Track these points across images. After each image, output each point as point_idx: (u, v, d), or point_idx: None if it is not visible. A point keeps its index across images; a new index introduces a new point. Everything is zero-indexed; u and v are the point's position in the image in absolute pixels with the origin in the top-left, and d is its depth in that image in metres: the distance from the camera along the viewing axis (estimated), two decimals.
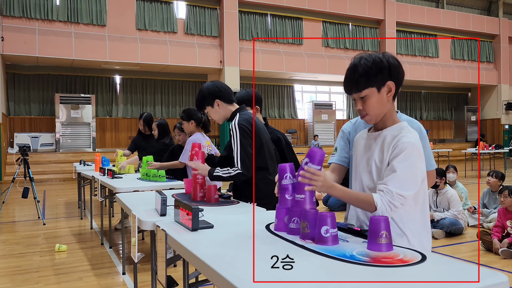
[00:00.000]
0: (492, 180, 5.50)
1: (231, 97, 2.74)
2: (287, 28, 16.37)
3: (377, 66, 1.62)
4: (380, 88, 1.64)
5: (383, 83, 1.63)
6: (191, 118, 4.35)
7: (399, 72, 1.66)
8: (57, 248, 4.69)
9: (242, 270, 1.26)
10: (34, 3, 12.65)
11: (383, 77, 1.62)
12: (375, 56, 1.64)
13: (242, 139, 2.56)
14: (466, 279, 1.15)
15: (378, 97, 1.64)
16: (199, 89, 2.76)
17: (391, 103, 1.69)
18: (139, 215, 2.13)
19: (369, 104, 1.65)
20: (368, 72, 1.62)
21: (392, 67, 1.64)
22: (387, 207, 1.55)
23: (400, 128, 1.66)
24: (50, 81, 14.41)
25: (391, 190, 1.54)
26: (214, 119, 2.78)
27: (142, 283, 3.49)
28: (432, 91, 21.45)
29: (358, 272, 1.22)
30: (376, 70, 1.62)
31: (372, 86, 1.63)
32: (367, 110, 1.66)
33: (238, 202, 2.51)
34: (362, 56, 1.66)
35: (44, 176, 12.41)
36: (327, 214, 1.51)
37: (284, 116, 18.10)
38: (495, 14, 21.61)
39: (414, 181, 1.56)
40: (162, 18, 14.36)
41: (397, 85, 1.66)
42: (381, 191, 1.56)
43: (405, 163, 1.55)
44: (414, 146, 1.58)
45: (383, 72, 1.62)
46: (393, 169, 1.56)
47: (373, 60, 1.63)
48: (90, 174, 5.50)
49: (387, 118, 1.69)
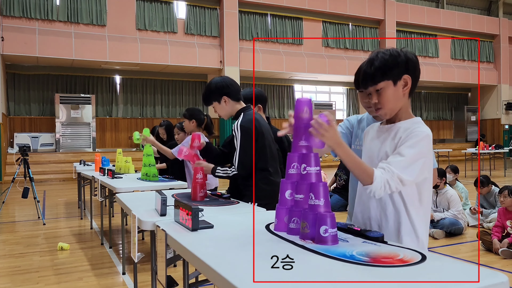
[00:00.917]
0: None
1: (238, 95, 2.73)
2: (287, 28, 16.37)
3: (394, 59, 1.60)
4: (396, 82, 1.61)
5: (399, 76, 1.61)
6: (193, 117, 4.36)
7: (416, 68, 1.64)
8: (59, 246, 4.71)
9: (242, 270, 1.26)
10: (34, 3, 12.65)
11: (400, 70, 1.60)
12: (393, 50, 1.63)
13: (243, 141, 2.57)
14: (466, 279, 1.15)
15: (394, 90, 1.62)
16: (208, 83, 2.74)
17: (407, 99, 1.66)
18: (139, 215, 2.13)
19: (384, 97, 1.62)
20: (385, 64, 1.60)
21: (410, 61, 1.62)
22: (383, 186, 1.51)
23: (414, 122, 1.64)
24: (50, 81, 14.41)
25: (392, 171, 1.51)
26: (219, 114, 2.78)
27: (142, 283, 3.49)
28: (432, 91, 21.45)
29: (358, 272, 1.22)
30: (393, 63, 1.60)
31: (388, 79, 1.61)
32: (382, 103, 1.63)
33: (238, 202, 2.51)
34: (380, 50, 1.65)
35: (44, 176, 12.41)
36: (327, 214, 1.49)
37: (284, 116, 18.09)
38: (495, 14, 21.61)
39: (417, 169, 1.54)
40: (162, 18, 14.36)
41: (414, 81, 1.64)
42: (383, 169, 1.53)
43: (412, 150, 1.53)
44: (426, 136, 1.56)
45: (399, 66, 1.60)
46: (400, 153, 1.55)
47: (391, 54, 1.61)
48: (90, 174, 5.50)
49: (402, 112, 1.67)
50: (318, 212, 1.50)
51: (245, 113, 2.68)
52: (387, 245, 1.48)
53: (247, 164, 2.57)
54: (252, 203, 2.60)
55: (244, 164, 2.56)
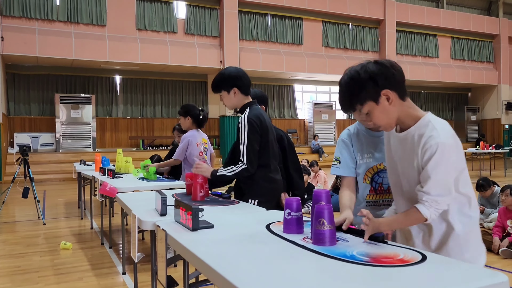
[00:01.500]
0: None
1: (248, 90, 2.71)
2: (287, 28, 16.37)
3: (356, 83, 1.54)
4: (377, 100, 1.54)
5: (376, 95, 1.53)
6: (188, 113, 4.36)
7: (387, 77, 1.53)
8: (62, 245, 4.74)
9: (242, 270, 1.26)
10: (34, 3, 12.65)
11: (371, 90, 1.53)
12: (353, 72, 1.56)
13: (249, 134, 2.55)
14: (466, 279, 1.15)
15: (381, 108, 1.55)
16: (222, 71, 2.70)
17: (400, 105, 1.58)
18: (139, 215, 2.13)
19: (374, 117, 1.58)
20: (352, 92, 1.55)
21: (376, 76, 1.52)
22: (434, 215, 1.53)
23: (425, 125, 1.56)
24: (50, 81, 14.40)
25: (433, 199, 1.51)
26: (225, 104, 2.75)
27: (142, 283, 3.49)
28: (432, 91, 21.45)
29: (358, 272, 1.22)
30: (358, 88, 1.53)
31: (366, 102, 1.55)
32: (376, 122, 1.60)
33: (238, 202, 2.51)
34: (344, 75, 1.58)
35: (44, 176, 12.41)
36: (293, 199, 1.65)
37: (284, 116, 18.09)
38: (495, 14, 21.60)
39: (451, 182, 1.53)
40: (162, 18, 14.36)
41: (395, 89, 1.55)
42: (425, 201, 1.52)
43: (438, 169, 1.49)
44: (443, 145, 1.49)
45: (367, 86, 1.52)
46: (428, 175, 1.51)
47: (351, 78, 1.55)
48: (90, 174, 5.50)
49: (404, 118, 1.60)
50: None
51: (252, 107, 2.67)
52: (388, 245, 1.48)
53: (254, 157, 2.55)
54: (253, 200, 2.60)
55: (252, 157, 2.54)
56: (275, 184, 2.68)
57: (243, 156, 2.54)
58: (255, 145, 2.56)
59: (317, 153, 16.67)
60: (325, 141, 17.70)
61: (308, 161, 8.88)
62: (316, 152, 16.77)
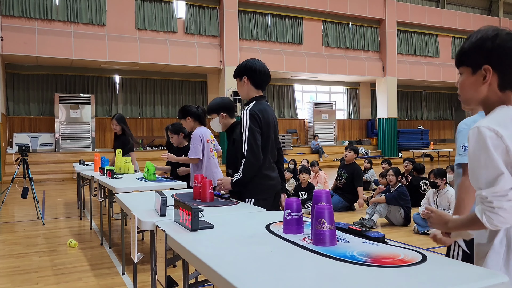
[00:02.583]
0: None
1: (260, 84, 2.71)
2: (287, 28, 16.36)
3: (476, 45, 1.41)
4: (475, 71, 1.42)
5: (478, 65, 1.41)
6: (186, 114, 4.28)
7: (503, 59, 1.37)
8: (68, 243, 4.79)
9: (242, 270, 1.25)
10: (33, 2, 12.64)
11: (479, 58, 1.40)
12: (484, 32, 1.41)
13: (251, 125, 2.55)
14: (466, 279, 1.14)
15: (472, 79, 1.44)
16: (246, 61, 2.75)
17: (495, 93, 1.40)
18: (139, 215, 2.12)
19: (461, 82, 1.48)
20: (467, 49, 1.44)
21: (497, 49, 1.37)
22: (492, 215, 1.28)
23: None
24: (49, 81, 14.40)
25: (483, 195, 1.29)
26: (239, 92, 2.80)
27: (142, 284, 3.48)
28: (432, 91, 21.45)
29: (358, 272, 1.21)
30: (474, 50, 1.42)
31: (466, 66, 1.45)
32: (459, 89, 1.49)
33: (238, 202, 2.50)
34: (481, 29, 1.44)
35: (43, 176, 12.40)
36: (293, 199, 1.67)
37: (284, 116, 18.09)
38: (496, 14, 21.61)
39: (498, 171, 1.27)
40: (162, 17, 14.35)
41: (500, 73, 1.38)
42: (479, 203, 1.33)
43: (474, 156, 1.33)
44: (472, 134, 1.34)
45: (481, 53, 1.40)
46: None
47: (480, 37, 1.41)
48: (89, 174, 5.49)
49: (487, 106, 1.43)
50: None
51: (258, 101, 2.67)
52: (388, 245, 1.47)
53: (256, 148, 2.53)
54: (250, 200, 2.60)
55: (254, 148, 2.52)
56: (271, 181, 2.67)
57: (245, 148, 2.54)
58: (257, 136, 2.55)
59: (317, 153, 16.66)
60: (325, 141, 17.70)
61: (308, 161, 8.88)
62: (316, 152, 16.76)
